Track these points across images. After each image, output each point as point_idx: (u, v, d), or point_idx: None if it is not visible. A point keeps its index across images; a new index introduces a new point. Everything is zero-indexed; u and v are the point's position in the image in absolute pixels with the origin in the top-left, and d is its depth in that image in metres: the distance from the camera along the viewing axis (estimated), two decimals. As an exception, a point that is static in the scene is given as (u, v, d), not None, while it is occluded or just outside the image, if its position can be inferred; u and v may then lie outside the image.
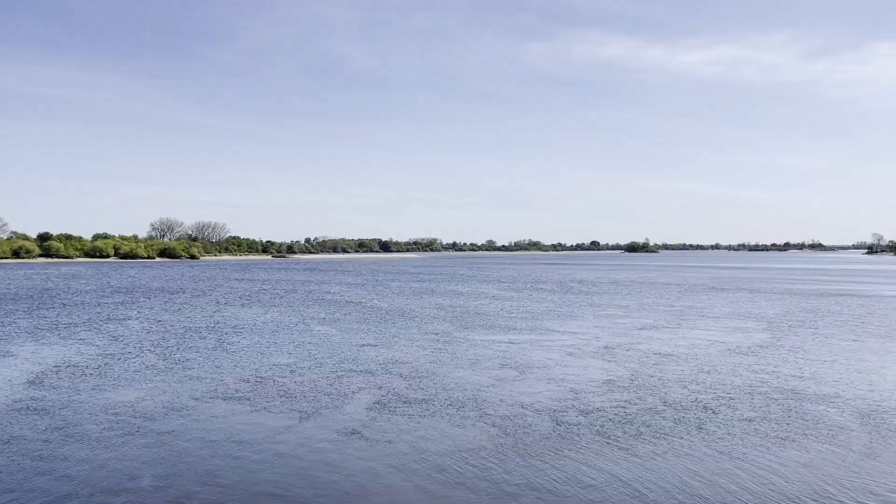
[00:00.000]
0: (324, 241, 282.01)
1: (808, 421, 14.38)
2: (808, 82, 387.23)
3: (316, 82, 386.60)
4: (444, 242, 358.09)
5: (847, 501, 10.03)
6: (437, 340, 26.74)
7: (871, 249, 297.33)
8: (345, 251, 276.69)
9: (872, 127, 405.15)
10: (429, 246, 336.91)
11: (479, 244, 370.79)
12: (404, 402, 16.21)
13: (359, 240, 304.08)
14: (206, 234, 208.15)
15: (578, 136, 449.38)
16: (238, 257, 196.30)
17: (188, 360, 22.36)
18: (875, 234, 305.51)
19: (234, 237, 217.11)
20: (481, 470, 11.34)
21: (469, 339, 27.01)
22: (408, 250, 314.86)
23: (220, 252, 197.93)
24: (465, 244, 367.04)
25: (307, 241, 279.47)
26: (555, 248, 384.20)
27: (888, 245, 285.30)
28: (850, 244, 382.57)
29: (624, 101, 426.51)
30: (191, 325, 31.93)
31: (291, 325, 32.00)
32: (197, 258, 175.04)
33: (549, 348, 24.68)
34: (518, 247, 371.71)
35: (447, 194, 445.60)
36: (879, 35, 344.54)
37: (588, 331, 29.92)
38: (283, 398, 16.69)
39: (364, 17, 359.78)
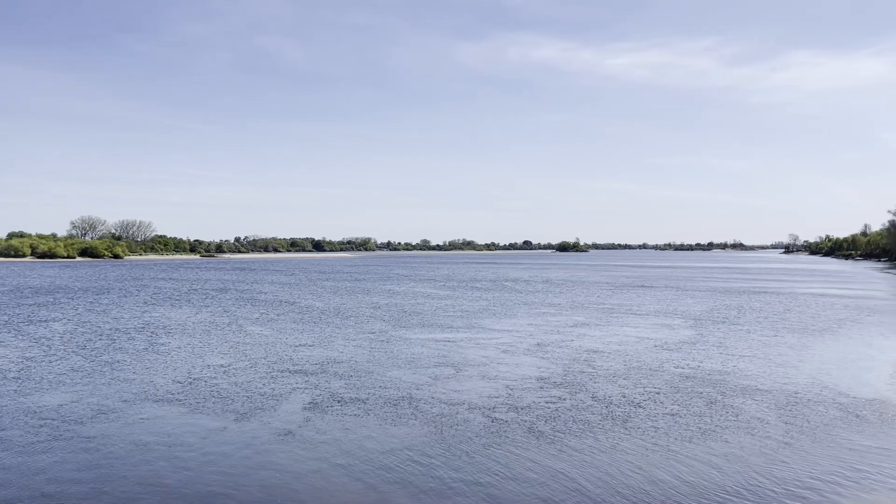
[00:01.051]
0: (254, 240, 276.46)
1: (729, 413, 15.03)
2: (732, 87, 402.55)
3: (247, 78, 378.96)
4: (379, 242, 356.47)
5: (770, 489, 10.60)
6: (374, 339, 26.73)
7: (788, 249, 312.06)
8: (276, 250, 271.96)
9: (791, 132, 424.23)
10: (363, 245, 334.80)
11: (413, 244, 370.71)
12: (343, 402, 16.19)
13: (291, 239, 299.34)
14: (130, 232, 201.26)
15: (512, 136, 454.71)
16: (165, 257, 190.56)
17: (117, 361, 21.68)
18: (791, 235, 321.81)
19: (161, 236, 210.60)
20: (424, 467, 11.47)
21: (406, 338, 27.09)
22: (341, 250, 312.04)
23: (145, 251, 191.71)
24: (399, 244, 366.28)
25: (237, 240, 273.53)
26: (488, 247, 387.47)
27: (803, 245, 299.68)
28: (769, 244, 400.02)
29: (557, 102, 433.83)
30: (118, 326, 30.92)
31: (224, 326, 31.39)
32: (121, 258, 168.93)
33: (484, 346, 25.01)
34: (452, 246, 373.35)
35: (382, 193, 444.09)
36: (797, 44, 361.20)
37: (522, 328, 30.43)
38: (218, 399, 16.42)
39: (299, 13, 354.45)
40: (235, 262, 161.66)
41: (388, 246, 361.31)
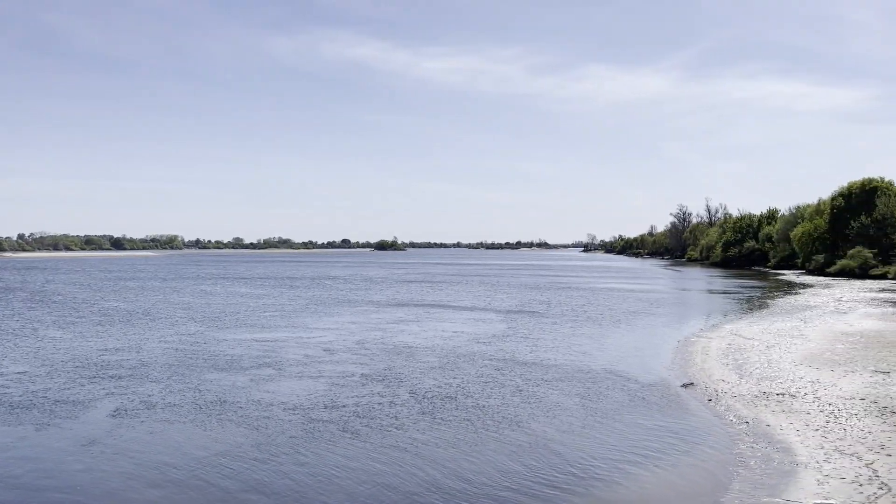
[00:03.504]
0: (42, 237, 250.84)
1: (535, 402, 16.14)
2: (537, 95, 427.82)
3: (32, 59, 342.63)
4: (187, 240, 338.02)
5: (570, 471, 11.70)
6: (188, 341, 25.59)
7: (587, 248, 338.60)
8: (68, 249, 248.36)
9: (589, 139, 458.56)
10: (169, 244, 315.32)
11: (225, 242, 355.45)
12: (153, 408, 15.46)
13: (86, 236, 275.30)
14: None
15: (328, 134, 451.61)
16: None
17: None
18: (590, 235, 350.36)
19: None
20: (236, 472, 11.27)
21: (223, 339, 26.22)
22: (144, 248, 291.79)
23: None
24: (209, 242, 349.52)
25: (21, 237, 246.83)
26: (306, 245, 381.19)
27: (600, 244, 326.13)
28: (571, 243, 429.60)
29: (372, 101, 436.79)
30: None
31: (15, 330, 28.43)
32: None
33: (305, 345, 24.88)
34: (268, 245, 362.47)
35: (190, 189, 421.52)
36: (593, 58, 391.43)
37: (343, 326, 30.59)
38: (15, 409, 15.01)
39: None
40: (19, 261, 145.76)
41: (198, 244, 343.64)
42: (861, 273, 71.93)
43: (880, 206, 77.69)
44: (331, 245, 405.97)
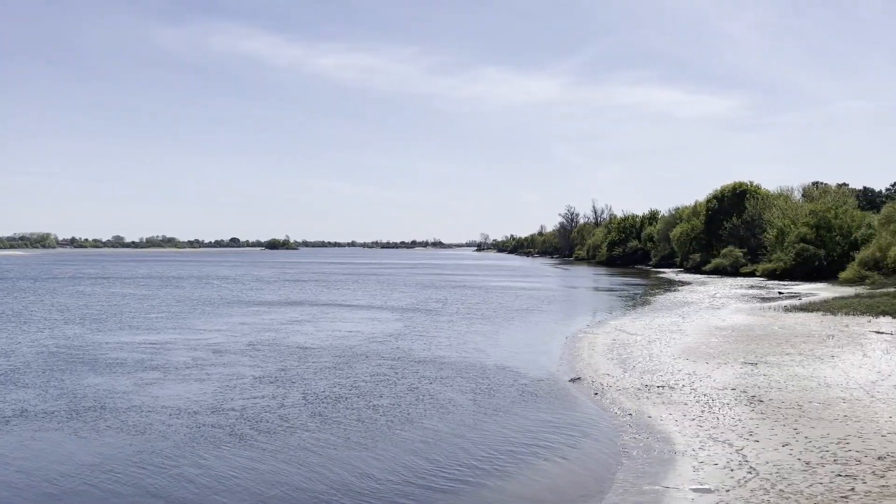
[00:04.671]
0: None
1: (428, 400, 16.24)
2: (433, 96, 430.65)
3: None
4: (61, 238, 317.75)
5: (461, 468, 11.92)
6: (67, 345, 24.09)
7: (480, 247, 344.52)
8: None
9: (483, 140, 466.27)
10: (40, 242, 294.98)
11: (104, 240, 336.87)
12: (26, 416, 14.49)
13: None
14: None
15: (217, 129, 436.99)
16: None
17: None
18: (483, 234, 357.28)
19: None
20: (113, 482, 10.73)
21: (104, 342, 24.86)
22: (11, 247, 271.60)
23: None
24: (86, 240, 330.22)
25: None
26: (192, 245, 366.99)
27: (492, 243, 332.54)
28: (465, 242, 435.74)
29: (265, 96, 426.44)
30: None
31: None
32: None
33: (193, 347, 24.00)
34: (151, 244, 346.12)
35: (65, 183, 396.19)
36: (488, 60, 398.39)
37: (234, 328, 29.72)
38: None
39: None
40: None
41: (73, 243, 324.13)
42: (733, 271, 76.96)
43: (749, 208, 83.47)
44: (219, 244, 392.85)
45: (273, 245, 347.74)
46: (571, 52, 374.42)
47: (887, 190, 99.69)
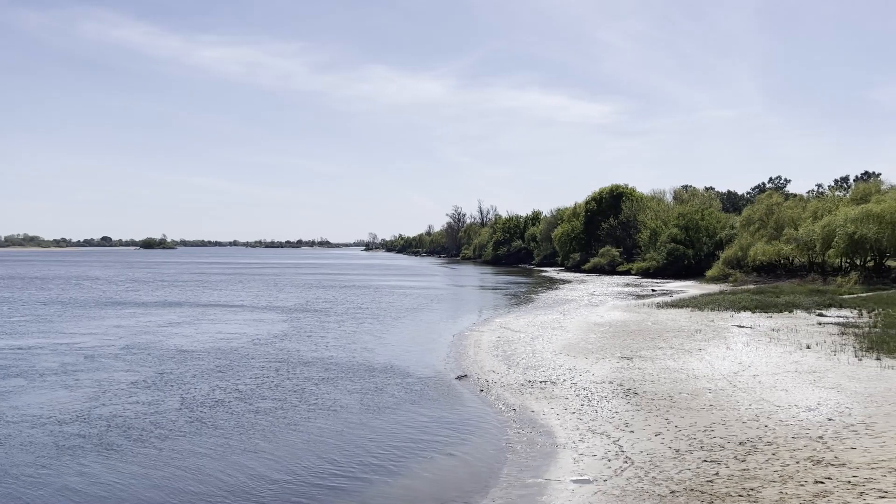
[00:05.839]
0: None
1: (315, 402, 15.96)
2: (319, 93, 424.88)
3: None
4: None
5: (347, 468, 11.85)
6: None
7: (368, 246, 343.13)
8: None
9: (371, 139, 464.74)
10: None
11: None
12: None
13: None
14: None
15: (86, 121, 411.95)
16: None
17: None
18: (371, 234, 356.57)
19: None
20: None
21: (-45, 350, 22.85)
22: None
23: None
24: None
25: None
26: (58, 243, 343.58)
27: (381, 243, 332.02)
28: (353, 241, 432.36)
29: (139, 88, 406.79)
30: None
31: None
32: None
33: (62, 352, 22.49)
34: (10, 242, 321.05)
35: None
36: (377, 59, 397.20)
37: (107, 331, 28.08)
38: None
39: None
40: None
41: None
42: (610, 269, 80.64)
43: (625, 209, 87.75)
44: (88, 243, 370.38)
45: (148, 244, 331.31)
46: (457, 55, 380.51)
47: (748, 193, 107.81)
